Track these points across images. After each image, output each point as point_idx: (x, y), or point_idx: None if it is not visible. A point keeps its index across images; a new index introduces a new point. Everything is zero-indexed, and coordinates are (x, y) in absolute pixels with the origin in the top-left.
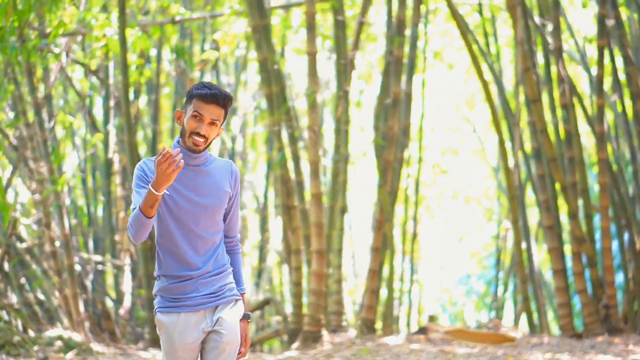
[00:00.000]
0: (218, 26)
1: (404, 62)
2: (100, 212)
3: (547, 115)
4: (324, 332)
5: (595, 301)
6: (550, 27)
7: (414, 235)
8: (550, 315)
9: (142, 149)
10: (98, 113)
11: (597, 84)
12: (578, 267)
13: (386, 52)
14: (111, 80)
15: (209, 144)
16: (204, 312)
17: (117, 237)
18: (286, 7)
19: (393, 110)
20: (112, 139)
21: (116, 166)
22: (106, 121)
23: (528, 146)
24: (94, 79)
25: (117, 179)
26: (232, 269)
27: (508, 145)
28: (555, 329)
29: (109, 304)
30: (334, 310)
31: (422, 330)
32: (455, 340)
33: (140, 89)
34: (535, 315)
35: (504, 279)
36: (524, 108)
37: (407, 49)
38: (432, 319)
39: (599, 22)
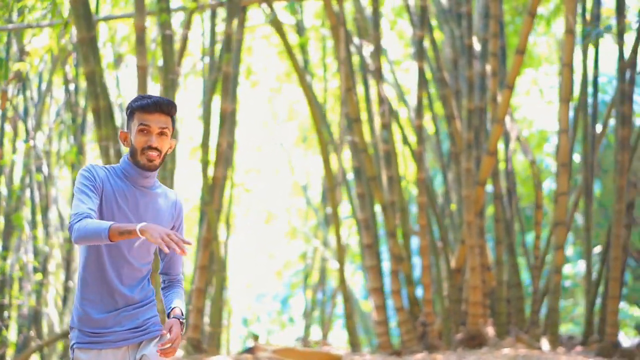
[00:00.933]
0: (26, 38)
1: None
2: None
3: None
4: None
5: (412, 319)
6: (370, 49)
7: (224, 253)
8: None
9: None
10: None
11: (416, 106)
12: (396, 285)
13: (210, 67)
14: None
15: (163, 159)
16: (126, 349)
17: None
18: (114, 19)
19: (221, 128)
20: None
21: None
22: None
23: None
24: None
25: None
26: (155, 302)
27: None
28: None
29: None
30: None
31: (250, 350)
32: (284, 359)
33: None
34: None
35: (312, 296)
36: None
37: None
38: (256, 338)
39: (417, 44)
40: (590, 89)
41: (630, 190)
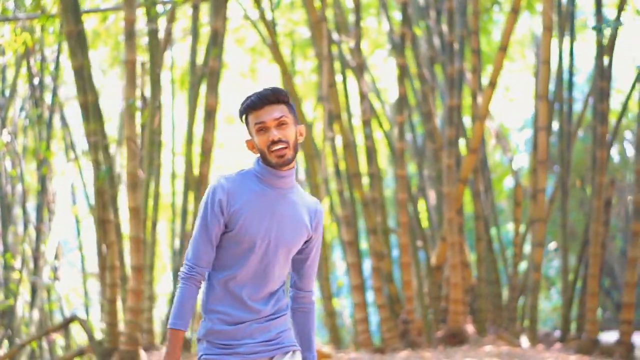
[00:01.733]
0: None
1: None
2: None
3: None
4: (142, 352)
5: (393, 316)
6: (351, 44)
7: None
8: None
9: None
10: None
11: (398, 102)
12: (377, 283)
13: (191, 62)
14: None
15: (295, 151)
16: None
17: None
18: (103, 12)
19: (207, 123)
20: None
21: None
22: None
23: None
24: None
25: None
26: (288, 314)
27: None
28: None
29: None
30: (145, 329)
31: None
32: None
33: None
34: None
35: None
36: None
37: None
38: None
39: (400, 40)
40: (565, 86)
41: (608, 187)
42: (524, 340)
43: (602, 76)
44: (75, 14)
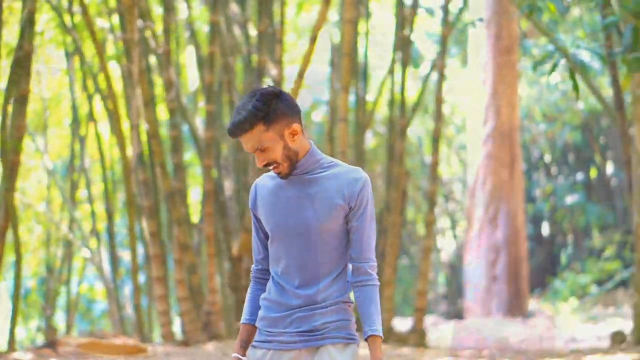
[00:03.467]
0: None
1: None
2: None
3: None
4: None
5: (195, 308)
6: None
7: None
8: None
9: None
10: None
11: (206, 91)
12: (180, 275)
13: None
14: None
15: (290, 159)
16: (298, 354)
17: None
18: None
19: (20, 109)
20: None
21: None
22: None
23: None
24: None
25: None
26: (342, 304)
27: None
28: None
29: None
30: None
31: (51, 344)
32: (90, 353)
33: None
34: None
35: (55, 286)
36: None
37: None
38: (54, 331)
39: (211, 28)
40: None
41: (403, 178)
42: None
43: (402, 67)
44: None
